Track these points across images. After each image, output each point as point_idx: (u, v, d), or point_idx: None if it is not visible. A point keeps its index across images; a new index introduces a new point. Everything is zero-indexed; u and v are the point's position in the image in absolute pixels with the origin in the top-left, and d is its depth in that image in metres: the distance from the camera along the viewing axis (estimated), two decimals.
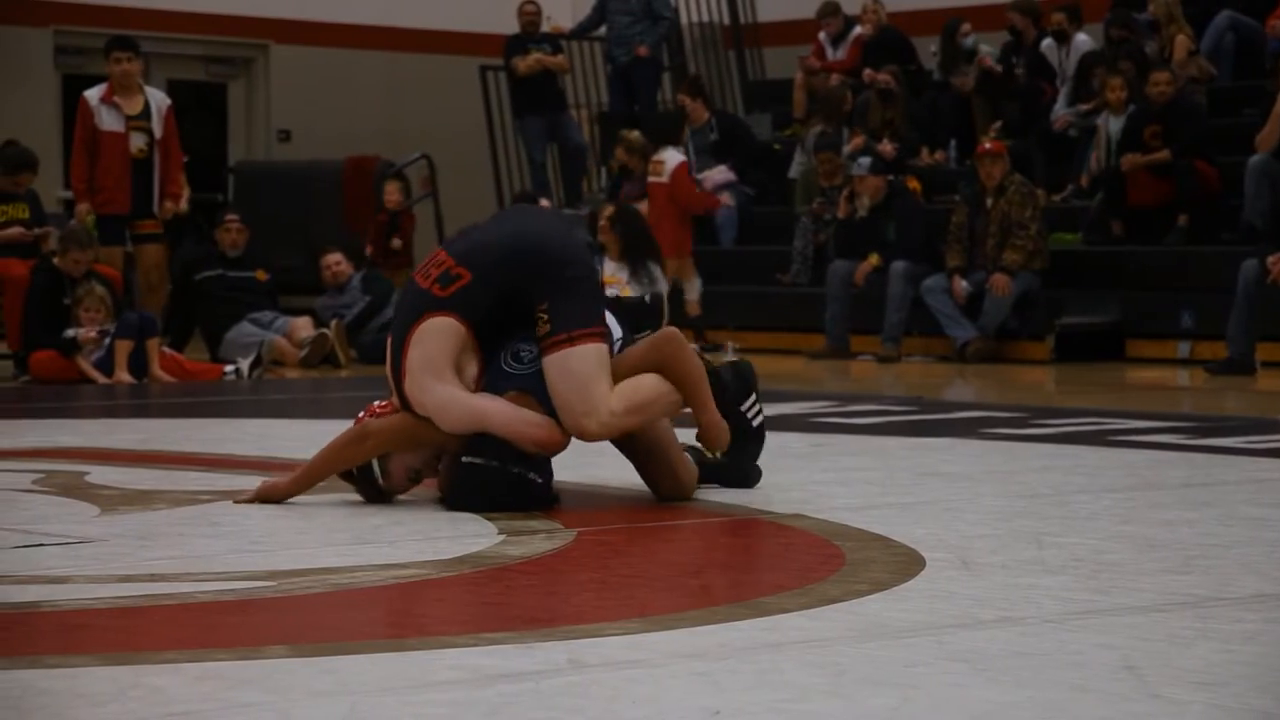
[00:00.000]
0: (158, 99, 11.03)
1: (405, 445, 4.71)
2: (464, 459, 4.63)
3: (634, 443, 4.87)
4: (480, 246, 4.72)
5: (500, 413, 4.61)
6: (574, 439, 4.71)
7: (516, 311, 4.67)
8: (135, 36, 11.55)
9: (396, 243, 13.72)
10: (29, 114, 14.86)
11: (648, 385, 4.70)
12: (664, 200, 12.98)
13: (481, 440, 4.62)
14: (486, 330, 4.69)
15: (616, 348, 4.80)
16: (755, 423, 5.10)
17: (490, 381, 4.69)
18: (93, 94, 10.88)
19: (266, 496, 4.76)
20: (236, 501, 4.78)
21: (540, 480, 4.67)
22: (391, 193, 14.02)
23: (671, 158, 13.16)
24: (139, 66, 10.98)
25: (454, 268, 4.66)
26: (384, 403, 4.78)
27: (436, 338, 4.62)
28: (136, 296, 11.14)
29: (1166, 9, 13.10)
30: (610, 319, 4.80)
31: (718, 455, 5.06)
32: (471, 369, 4.69)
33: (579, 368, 4.61)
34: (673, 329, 4.85)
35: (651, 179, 13.11)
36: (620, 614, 3.41)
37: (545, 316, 4.63)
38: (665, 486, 4.91)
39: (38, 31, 15.62)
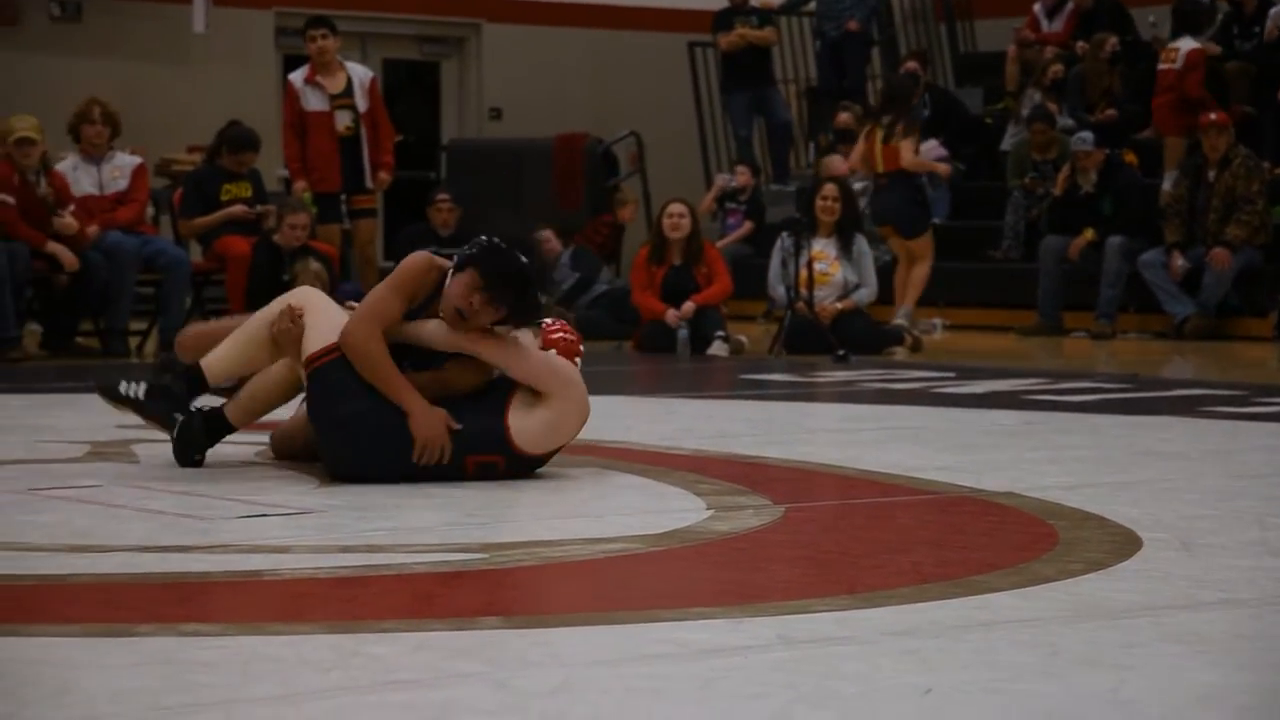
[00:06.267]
0: (359, 74, 11.13)
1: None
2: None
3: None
4: None
5: None
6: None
7: None
8: (352, 17, 11.71)
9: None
10: (251, 94, 15.21)
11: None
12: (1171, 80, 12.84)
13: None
14: None
15: None
16: None
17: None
18: (296, 76, 11.05)
19: None
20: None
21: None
22: (626, 210, 14.23)
23: (1185, 44, 12.94)
24: (335, 44, 11.03)
25: None
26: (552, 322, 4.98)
27: None
28: (353, 274, 11.36)
29: None
30: None
31: None
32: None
33: None
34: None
35: (1164, 66, 12.93)
36: (829, 590, 3.41)
37: None
38: None
39: (259, 13, 15.97)
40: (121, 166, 10.53)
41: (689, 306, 10.38)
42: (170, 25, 15.27)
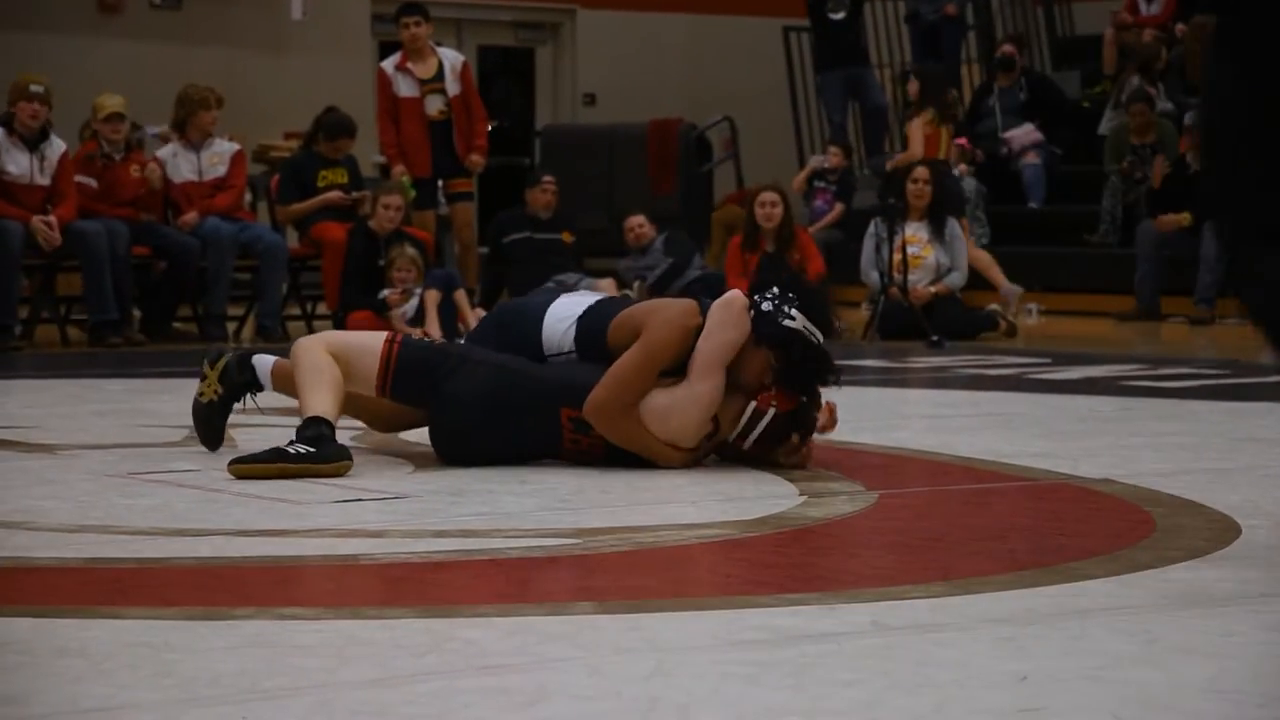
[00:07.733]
0: (451, 58, 11.18)
1: None
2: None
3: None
4: None
5: None
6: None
7: None
8: (447, 3, 11.75)
9: None
10: (347, 81, 15.30)
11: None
12: None
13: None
14: None
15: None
16: None
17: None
18: (388, 63, 11.12)
19: None
20: None
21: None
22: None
23: None
24: (427, 30, 11.10)
25: None
26: None
27: None
28: (448, 259, 11.40)
29: None
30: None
31: None
32: None
33: None
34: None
35: None
36: (923, 577, 3.39)
37: None
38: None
39: (355, 0, 16.08)
40: (220, 153, 10.65)
41: None
42: (268, 13, 15.40)
